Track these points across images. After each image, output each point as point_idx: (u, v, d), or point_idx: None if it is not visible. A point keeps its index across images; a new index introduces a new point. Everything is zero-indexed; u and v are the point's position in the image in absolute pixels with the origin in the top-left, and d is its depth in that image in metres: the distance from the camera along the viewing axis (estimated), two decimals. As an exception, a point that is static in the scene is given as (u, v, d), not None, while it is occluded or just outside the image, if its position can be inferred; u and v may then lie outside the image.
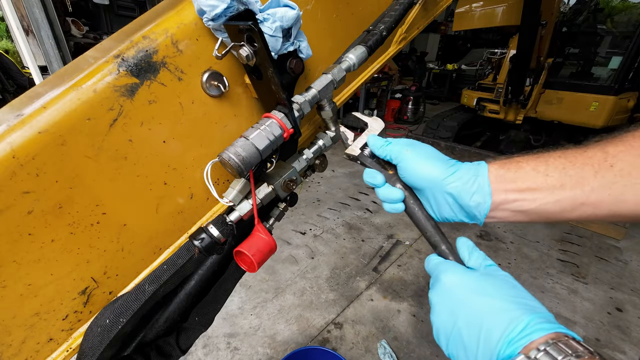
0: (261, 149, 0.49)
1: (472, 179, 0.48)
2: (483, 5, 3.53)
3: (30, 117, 0.39)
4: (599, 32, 4.38)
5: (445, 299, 0.44)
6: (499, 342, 0.37)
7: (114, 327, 0.48)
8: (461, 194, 0.48)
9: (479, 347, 0.38)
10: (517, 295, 0.40)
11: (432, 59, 10.41)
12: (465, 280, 0.44)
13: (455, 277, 0.44)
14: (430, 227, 0.52)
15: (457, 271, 0.45)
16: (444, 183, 0.49)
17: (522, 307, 0.38)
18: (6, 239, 0.40)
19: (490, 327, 0.38)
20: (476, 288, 0.42)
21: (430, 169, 0.50)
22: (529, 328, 0.36)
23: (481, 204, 0.47)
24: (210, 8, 0.44)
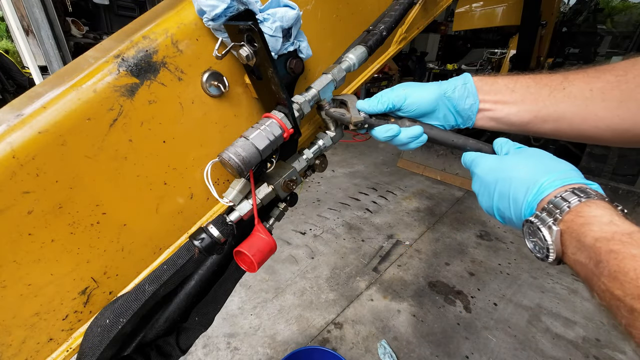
0: (261, 149, 0.48)
1: (463, 86, 0.57)
2: (483, 5, 3.52)
3: (30, 117, 0.39)
4: (599, 32, 4.38)
5: (482, 184, 0.50)
6: (522, 206, 0.43)
7: (114, 327, 0.48)
8: (457, 100, 0.57)
9: (512, 213, 0.45)
10: (540, 162, 0.45)
11: (432, 59, 10.40)
12: (495, 164, 0.49)
13: (487, 164, 0.51)
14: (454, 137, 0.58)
15: (488, 159, 0.51)
16: (445, 95, 0.57)
17: (541, 171, 0.43)
18: (6, 239, 0.40)
19: (515, 195, 0.44)
20: (504, 166, 0.47)
21: (431, 92, 0.57)
22: (542, 187, 0.41)
23: (473, 105, 0.57)
24: (210, 8, 0.44)
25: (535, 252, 0.42)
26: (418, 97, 0.57)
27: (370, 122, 0.59)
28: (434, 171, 4.14)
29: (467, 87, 0.57)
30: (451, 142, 0.58)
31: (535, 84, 0.54)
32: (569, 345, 1.96)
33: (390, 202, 3.60)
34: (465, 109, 0.58)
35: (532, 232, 0.41)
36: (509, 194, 0.45)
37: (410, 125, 0.59)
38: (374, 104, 0.59)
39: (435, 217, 3.30)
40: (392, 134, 0.57)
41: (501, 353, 1.89)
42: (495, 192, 0.47)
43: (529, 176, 0.43)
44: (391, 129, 0.57)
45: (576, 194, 0.37)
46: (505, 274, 2.56)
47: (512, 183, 0.45)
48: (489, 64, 5.23)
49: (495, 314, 2.17)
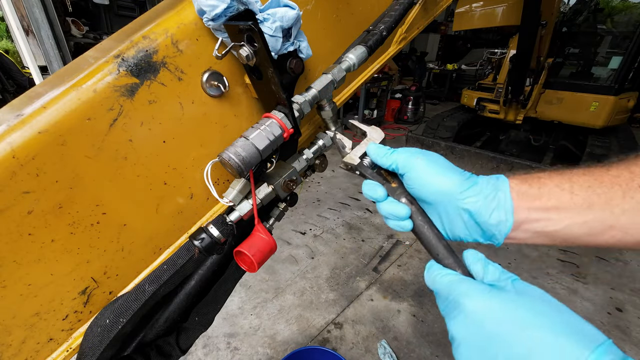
0: (261, 149, 0.48)
1: (492, 194, 0.43)
2: (483, 5, 3.53)
3: (30, 117, 0.39)
4: (599, 32, 4.38)
5: (472, 334, 0.35)
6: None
7: (114, 327, 0.48)
8: (480, 211, 0.42)
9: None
10: (566, 321, 0.33)
11: (432, 59, 10.41)
12: (496, 306, 0.35)
13: (483, 302, 0.36)
14: (441, 249, 0.45)
15: (482, 293, 0.36)
16: (460, 197, 0.43)
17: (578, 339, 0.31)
18: (6, 239, 0.40)
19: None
20: (514, 317, 0.34)
21: (444, 181, 0.44)
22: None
23: (502, 222, 0.42)
24: (210, 8, 0.44)
25: None
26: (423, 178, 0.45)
27: (362, 171, 0.52)
28: (434, 171, 4.13)
29: (498, 196, 0.42)
30: (436, 255, 0.45)
31: (599, 182, 0.40)
32: (569, 345, 1.95)
33: (390, 202, 3.60)
34: (489, 225, 0.43)
35: None
36: None
37: (403, 201, 0.48)
38: (381, 154, 0.49)
39: (435, 217, 3.30)
40: (373, 197, 0.48)
41: (501, 353, 1.89)
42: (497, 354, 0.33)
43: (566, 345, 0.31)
44: (375, 191, 0.48)
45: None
46: (505, 274, 2.56)
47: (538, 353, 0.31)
48: (489, 64, 5.23)
49: (495, 314, 2.17)
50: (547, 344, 0.31)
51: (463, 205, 0.43)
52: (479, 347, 0.35)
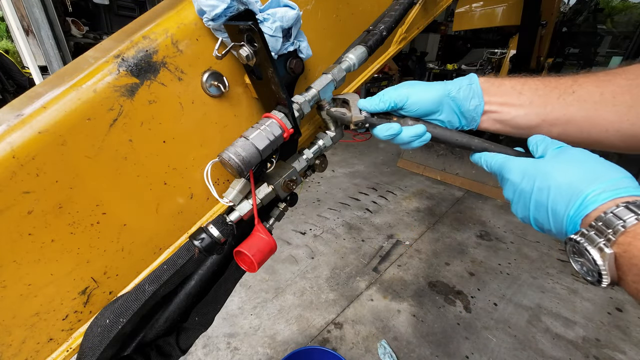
0: (261, 149, 0.48)
1: (468, 87, 0.56)
2: (483, 5, 3.52)
3: (30, 117, 0.39)
4: (599, 32, 4.39)
5: (516, 192, 0.46)
6: (563, 220, 0.38)
7: (114, 327, 0.48)
8: (462, 101, 0.56)
9: (552, 227, 0.41)
10: (585, 167, 0.40)
11: (432, 59, 10.40)
12: (530, 168, 0.44)
13: (520, 169, 0.46)
14: (459, 137, 0.56)
15: (521, 163, 0.46)
16: (449, 96, 0.56)
17: (585, 179, 0.38)
18: (6, 239, 0.40)
19: (555, 206, 0.39)
20: (541, 171, 0.42)
21: (435, 91, 0.56)
22: (587, 200, 0.36)
23: (478, 106, 0.56)
24: (210, 8, 0.44)
25: (584, 274, 0.37)
26: (421, 96, 0.56)
27: (371, 121, 0.58)
28: (434, 171, 4.14)
29: (472, 87, 0.56)
30: (455, 140, 0.56)
31: (544, 86, 0.53)
32: (569, 345, 1.96)
33: (390, 202, 3.60)
34: (469, 110, 0.56)
35: (577, 252, 0.36)
36: (547, 204, 0.40)
37: (413, 124, 0.57)
38: (375, 103, 0.58)
39: (435, 217, 3.30)
40: (393, 133, 0.56)
41: (501, 353, 1.89)
42: (531, 202, 0.43)
43: (571, 185, 0.38)
44: (392, 128, 0.56)
45: (632, 209, 0.32)
46: (505, 274, 2.56)
47: (551, 192, 0.40)
48: (489, 64, 5.23)
49: (495, 314, 2.17)
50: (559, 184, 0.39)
51: (454, 99, 0.56)
52: (519, 189, 0.45)
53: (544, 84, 0.53)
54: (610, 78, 0.49)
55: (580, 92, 0.50)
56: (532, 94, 0.53)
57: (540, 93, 0.53)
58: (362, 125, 0.59)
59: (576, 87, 0.51)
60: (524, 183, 0.44)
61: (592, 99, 0.49)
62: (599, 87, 0.49)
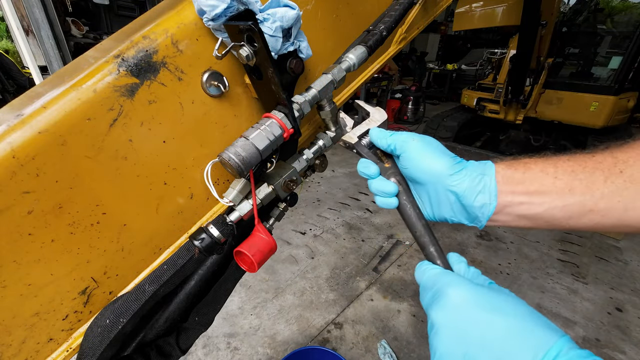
0: (261, 149, 0.48)
1: (478, 178, 0.45)
2: (483, 5, 3.53)
3: (30, 117, 0.39)
4: (599, 32, 4.38)
5: (453, 320, 0.38)
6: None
7: (114, 327, 0.48)
8: (465, 193, 0.45)
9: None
10: (533, 314, 0.36)
11: (432, 59, 10.42)
12: (476, 296, 0.38)
13: (465, 292, 0.39)
14: (420, 227, 0.50)
15: (465, 285, 0.40)
16: (448, 179, 0.46)
17: (545, 328, 0.34)
18: (6, 239, 0.40)
19: (514, 352, 0.33)
20: (490, 306, 0.37)
21: (435, 163, 0.47)
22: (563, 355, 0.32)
23: (486, 205, 0.45)
24: (210, 8, 0.44)
25: None
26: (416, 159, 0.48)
27: (358, 149, 0.55)
28: (434, 171, 4.13)
29: (484, 180, 0.45)
30: (414, 232, 0.50)
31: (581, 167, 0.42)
32: (569, 345, 1.95)
33: (390, 202, 3.60)
34: (472, 207, 0.46)
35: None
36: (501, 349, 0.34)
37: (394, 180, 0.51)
38: (381, 136, 0.53)
39: (435, 217, 3.30)
40: (365, 173, 0.52)
41: (501, 353, 1.89)
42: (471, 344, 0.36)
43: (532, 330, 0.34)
44: (368, 168, 0.52)
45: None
46: (505, 274, 2.56)
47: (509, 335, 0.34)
48: (489, 64, 5.23)
49: (495, 314, 2.17)
50: (517, 328, 0.34)
51: (450, 187, 0.46)
52: (456, 330, 0.37)
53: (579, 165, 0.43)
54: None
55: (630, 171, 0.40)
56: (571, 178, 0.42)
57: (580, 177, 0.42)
58: (349, 147, 0.56)
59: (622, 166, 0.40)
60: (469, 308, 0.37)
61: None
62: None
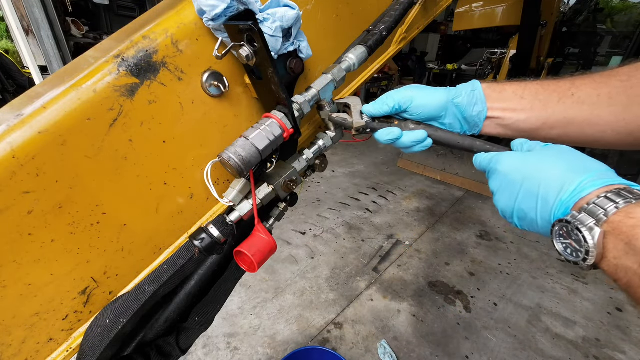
0: (261, 149, 0.48)
1: (471, 94, 0.57)
2: (483, 5, 3.53)
3: (30, 117, 0.39)
4: (599, 32, 4.39)
5: (503, 182, 0.46)
6: (553, 205, 0.39)
7: (114, 327, 0.48)
8: (466, 107, 0.57)
9: (538, 214, 0.41)
10: (573, 161, 0.41)
11: (432, 59, 10.40)
12: (520, 160, 0.45)
13: (511, 161, 0.46)
14: (459, 137, 0.56)
15: (512, 156, 0.47)
16: (453, 102, 0.57)
17: (576, 170, 0.39)
18: (6, 239, 0.40)
19: (546, 193, 0.40)
20: (532, 163, 0.44)
21: (439, 95, 0.57)
22: (582, 186, 0.37)
23: (481, 112, 0.57)
24: (211, 8, 0.44)
25: (567, 255, 0.38)
26: (425, 101, 0.57)
27: (372, 126, 0.59)
28: (434, 171, 4.14)
29: (475, 94, 0.57)
30: (457, 143, 0.57)
31: (544, 90, 0.54)
32: (569, 345, 1.96)
33: (390, 202, 3.60)
34: (472, 116, 0.57)
35: (565, 234, 0.38)
36: (537, 192, 0.41)
37: (415, 128, 0.58)
38: (378, 107, 0.58)
39: (435, 217, 3.30)
40: (393, 137, 0.57)
41: (501, 353, 1.89)
42: (520, 192, 0.44)
43: (564, 174, 0.40)
44: (392, 132, 0.57)
45: (622, 195, 0.34)
46: (505, 274, 2.56)
47: (543, 181, 0.41)
48: (489, 64, 5.23)
49: (495, 314, 2.17)
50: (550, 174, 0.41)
51: (457, 105, 0.57)
52: (507, 189, 0.46)
53: (543, 88, 0.55)
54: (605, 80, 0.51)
55: (579, 94, 0.52)
56: (533, 98, 0.55)
57: (540, 97, 0.54)
58: (363, 130, 0.59)
59: (574, 90, 0.52)
60: (515, 174, 0.45)
61: (590, 100, 0.51)
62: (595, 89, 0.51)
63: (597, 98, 0.51)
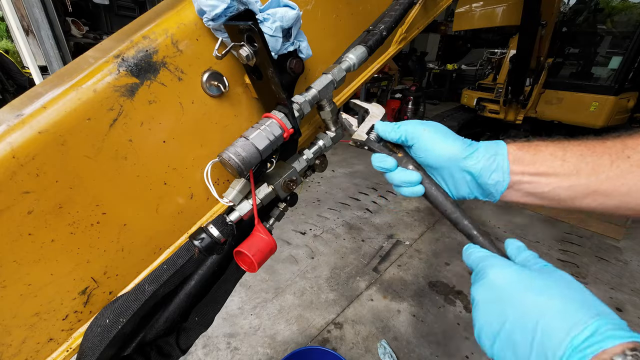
0: (261, 149, 0.48)
1: (491, 158, 0.48)
2: (483, 5, 3.53)
3: (30, 117, 0.39)
4: (599, 32, 4.38)
5: (492, 296, 0.40)
6: (560, 347, 0.33)
7: (114, 327, 0.48)
8: (481, 173, 0.48)
9: (532, 352, 0.35)
10: (581, 297, 0.36)
11: (432, 59, 10.41)
12: (517, 277, 0.39)
13: (506, 273, 0.40)
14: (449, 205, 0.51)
15: (507, 266, 0.41)
16: (464, 161, 0.49)
17: (587, 310, 0.34)
18: (6, 239, 0.40)
19: (549, 330, 0.34)
20: (532, 286, 0.38)
21: (450, 147, 0.50)
22: (599, 335, 0.31)
23: (499, 182, 0.48)
24: (211, 8, 0.44)
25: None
26: (430, 145, 0.50)
27: (370, 145, 0.56)
28: (434, 171, 4.13)
29: (497, 160, 0.48)
30: (444, 211, 0.51)
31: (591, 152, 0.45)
32: (569, 345, 1.95)
33: (390, 202, 3.60)
34: (487, 185, 0.49)
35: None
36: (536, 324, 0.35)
37: (413, 169, 0.53)
38: (389, 129, 0.54)
39: (435, 217, 3.30)
40: (385, 167, 0.53)
41: (501, 353, 1.89)
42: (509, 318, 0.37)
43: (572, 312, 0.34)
44: (385, 162, 0.53)
45: None
46: (505, 274, 2.56)
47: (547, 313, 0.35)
48: (489, 64, 5.23)
49: (495, 314, 2.17)
50: (555, 308, 0.35)
51: (466, 168, 0.49)
52: (495, 306, 0.39)
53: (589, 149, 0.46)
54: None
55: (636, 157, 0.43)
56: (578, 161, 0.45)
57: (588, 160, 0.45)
58: (360, 145, 0.57)
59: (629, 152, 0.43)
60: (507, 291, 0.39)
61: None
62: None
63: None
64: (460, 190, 0.52)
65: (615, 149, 0.44)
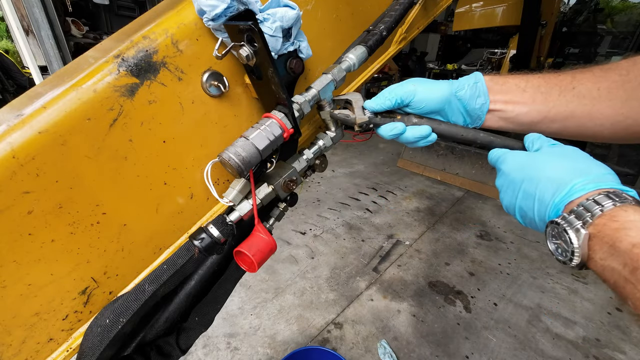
0: (261, 149, 0.48)
1: (474, 86, 0.57)
2: (483, 5, 3.52)
3: (30, 117, 0.39)
4: (599, 32, 4.39)
5: (506, 181, 0.49)
6: (548, 207, 0.41)
7: (114, 327, 0.48)
8: (468, 100, 0.57)
9: (535, 214, 0.43)
10: (575, 163, 0.42)
11: (432, 59, 10.41)
12: (524, 161, 0.47)
13: (515, 161, 0.48)
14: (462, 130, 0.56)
15: (517, 156, 0.49)
16: (456, 95, 0.57)
17: (574, 172, 0.40)
18: (6, 239, 0.40)
19: (542, 194, 0.42)
20: (534, 164, 0.45)
21: (441, 90, 0.57)
22: (573, 189, 0.39)
23: (484, 105, 0.57)
24: (211, 8, 0.44)
25: (557, 255, 0.40)
26: (427, 94, 0.57)
27: (375, 122, 0.58)
28: (434, 171, 4.14)
29: (478, 86, 0.57)
30: (460, 136, 0.56)
31: (546, 83, 0.55)
32: (569, 345, 1.95)
33: (390, 202, 3.60)
34: (475, 109, 0.57)
35: (556, 234, 0.39)
36: (535, 193, 0.43)
37: (418, 122, 0.57)
38: (380, 101, 0.58)
39: (435, 217, 3.30)
40: (397, 132, 0.56)
41: (501, 353, 1.89)
42: (520, 191, 0.46)
43: (560, 176, 0.41)
44: (396, 127, 0.56)
45: (610, 197, 0.35)
46: (505, 274, 2.56)
47: (540, 182, 0.43)
48: (489, 64, 5.23)
49: (495, 314, 2.17)
50: (548, 176, 0.42)
51: (458, 97, 0.57)
52: (510, 179, 0.48)
53: (545, 81, 0.55)
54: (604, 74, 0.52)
55: (579, 88, 0.53)
56: (535, 92, 0.55)
57: (542, 90, 0.55)
58: (366, 126, 0.58)
59: (575, 84, 0.53)
60: (516, 174, 0.47)
61: (590, 95, 0.52)
62: (595, 83, 0.52)
63: (597, 92, 0.51)
64: (458, 120, 0.59)
65: (565, 82, 0.54)
